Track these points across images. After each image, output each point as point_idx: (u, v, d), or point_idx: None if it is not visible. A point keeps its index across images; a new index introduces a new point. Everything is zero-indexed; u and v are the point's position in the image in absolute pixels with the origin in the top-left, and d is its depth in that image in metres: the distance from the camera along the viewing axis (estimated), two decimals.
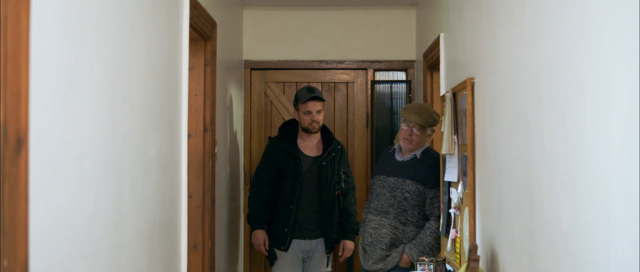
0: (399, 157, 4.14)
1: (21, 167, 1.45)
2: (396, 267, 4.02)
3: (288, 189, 4.73)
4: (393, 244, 4.01)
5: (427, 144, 4.16)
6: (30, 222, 1.51)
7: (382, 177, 4.13)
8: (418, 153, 4.09)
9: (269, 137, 4.98)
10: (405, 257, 4.00)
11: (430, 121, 4.01)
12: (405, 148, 4.09)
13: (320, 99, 4.78)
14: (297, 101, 4.79)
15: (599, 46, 1.64)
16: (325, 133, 4.91)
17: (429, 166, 4.05)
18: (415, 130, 4.01)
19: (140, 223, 2.51)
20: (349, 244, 4.88)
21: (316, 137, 4.87)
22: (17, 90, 1.43)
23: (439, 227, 3.98)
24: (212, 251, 4.02)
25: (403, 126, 4.05)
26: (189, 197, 3.70)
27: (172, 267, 3.01)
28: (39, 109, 1.59)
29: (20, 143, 1.44)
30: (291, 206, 4.71)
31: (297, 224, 4.72)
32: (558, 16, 1.95)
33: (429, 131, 4.05)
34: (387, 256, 4.01)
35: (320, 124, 4.82)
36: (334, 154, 4.82)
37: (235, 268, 5.27)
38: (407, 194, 4.01)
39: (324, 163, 4.78)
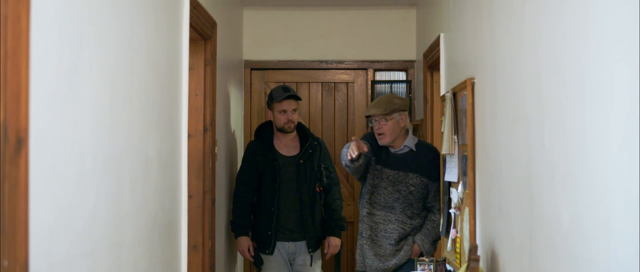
0: (392, 150, 4.10)
1: (21, 167, 1.45)
2: (409, 260, 4.01)
3: (268, 191, 4.70)
4: (401, 238, 4.00)
5: (416, 138, 4.15)
6: (30, 222, 1.51)
7: (378, 167, 4.06)
8: (412, 145, 4.07)
9: (250, 142, 4.94)
10: (415, 248, 3.99)
11: (391, 106, 3.98)
12: (383, 144, 4.04)
13: (295, 97, 4.73)
14: (272, 100, 4.71)
15: (599, 46, 1.64)
16: (301, 131, 4.87)
17: (430, 159, 4.05)
18: (382, 122, 3.98)
19: (140, 223, 2.51)
20: (334, 240, 4.83)
21: (292, 136, 4.83)
22: (17, 90, 1.43)
23: (442, 219, 3.99)
24: (212, 251, 4.02)
25: (371, 125, 4.04)
26: (189, 197, 3.70)
27: (172, 267, 3.01)
28: (39, 109, 1.59)
29: (20, 143, 1.44)
30: (272, 209, 4.67)
31: (280, 226, 4.68)
32: (558, 16, 1.95)
33: (396, 116, 4.00)
34: (398, 250, 3.99)
35: (296, 123, 4.77)
36: (311, 151, 4.77)
37: (235, 268, 5.27)
38: (413, 188, 3.99)
39: (301, 161, 4.74)
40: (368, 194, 4.09)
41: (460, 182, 3.46)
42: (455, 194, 3.56)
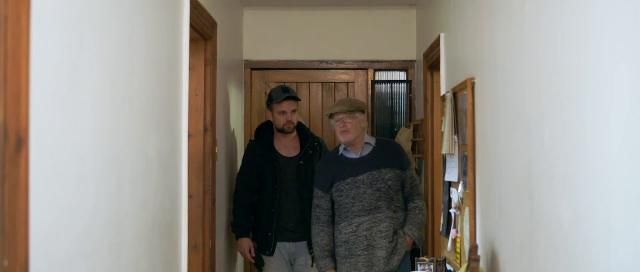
0: (354, 156, 4.07)
1: (21, 167, 1.45)
2: (406, 253, 4.04)
3: (268, 192, 4.70)
4: (394, 233, 4.01)
5: (373, 137, 4.18)
6: (30, 222, 1.51)
7: (348, 180, 4.03)
8: (373, 142, 4.09)
9: (250, 141, 4.93)
10: (408, 239, 4.02)
11: (355, 105, 4.01)
12: (346, 140, 4.03)
13: (295, 98, 4.74)
14: (271, 101, 4.71)
15: (599, 46, 1.64)
16: (301, 131, 4.86)
17: (395, 150, 4.11)
18: (346, 119, 3.98)
19: (140, 223, 2.51)
20: None
21: (292, 137, 4.82)
22: (17, 90, 1.43)
23: (423, 204, 4.08)
24: (212, 251, 4.02)
25: (335, 123, 4.03)
26: (189, 197, 3.70)
27: (172, 267, 3.01)
28: (39, 109, 1.59)
29: (20, 143, 1.44)
30: (273, 209, 4.67)
31: (280, 227, 4.68)
32: (558, 16, 1.95)
33: (358, 115, 4.01)
34: (395, 246, 3.99)
35: (295, 124, 4.77)
36: (311, 151, 4.77)
37: (235, 268, 5.27)
38: (390, 182, 4.01)
39: (301, 162, 4.74)
40: (349, 207, 4.02)
41: (460, 182, 3.46)
42: (455, 194, 3.56)
